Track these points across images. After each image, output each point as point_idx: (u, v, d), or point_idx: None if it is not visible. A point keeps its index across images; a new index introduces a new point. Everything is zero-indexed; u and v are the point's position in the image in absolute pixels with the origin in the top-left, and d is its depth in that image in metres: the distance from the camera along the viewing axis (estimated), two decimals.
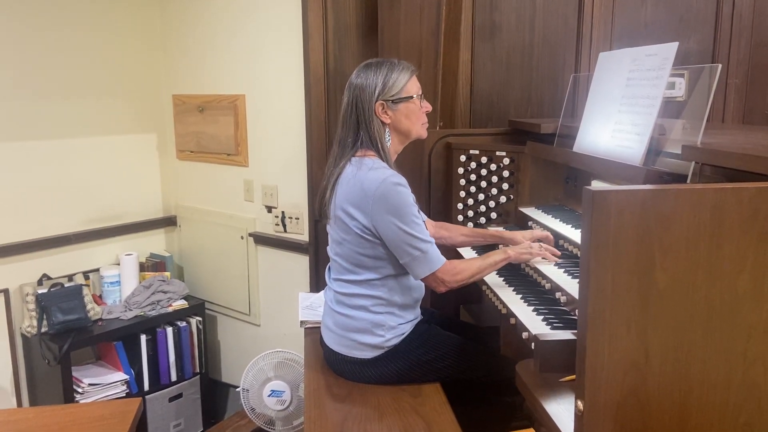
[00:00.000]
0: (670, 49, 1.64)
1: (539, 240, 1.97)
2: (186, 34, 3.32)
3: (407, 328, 1.86)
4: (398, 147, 1.90)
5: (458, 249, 2.26)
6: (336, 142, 1.87)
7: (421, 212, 1.94)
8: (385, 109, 1.81)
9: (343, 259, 1.84)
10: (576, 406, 1.08)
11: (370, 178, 1.73)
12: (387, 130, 1.83)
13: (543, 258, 1.87)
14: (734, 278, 1.03)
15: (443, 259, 1.78)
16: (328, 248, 1.95)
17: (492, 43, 2.62)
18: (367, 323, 1.82)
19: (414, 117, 1.86)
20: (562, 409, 1.27)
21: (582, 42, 2.59)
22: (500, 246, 2.08)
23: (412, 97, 1.84)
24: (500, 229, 2.31)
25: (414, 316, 1.89)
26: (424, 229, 1.77)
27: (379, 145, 1.81)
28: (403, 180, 1.75)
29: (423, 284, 1.90)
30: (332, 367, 1.93)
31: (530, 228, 2.18)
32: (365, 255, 1.80)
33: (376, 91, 1.79)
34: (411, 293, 1.87)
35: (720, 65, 1.52)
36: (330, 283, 1.94)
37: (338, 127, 1.87)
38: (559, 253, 1.88)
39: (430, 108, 1.91)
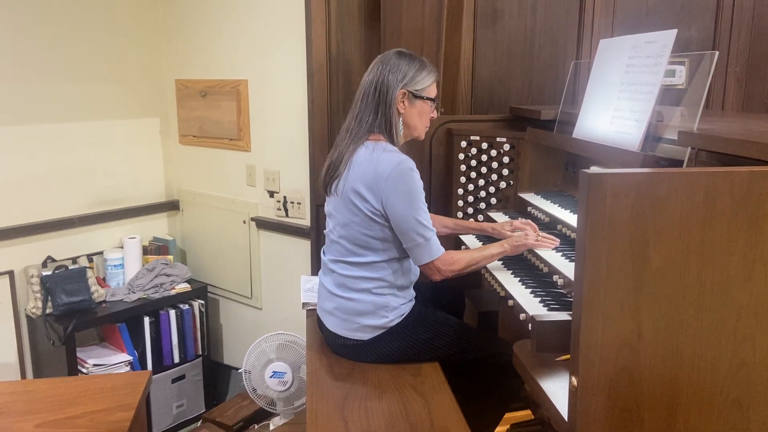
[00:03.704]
0: (669, 36, 1.66)
1: (519, 228, 2.01)
2: (189, 18, 3.33)
3: (407, 308, 1.90)
4: (401, 140, 1.93)
5: (461, 236, 2.29)
6: (353, 115, 1.87)
7: None
8: (404, 99, 1.85)
9: (348, 241, 1.86)
10: (570, 382, 1.12)
11: (385, 160, 1.77)
12: (400, 119, 1.88)
13: (541, 248, 1.90)
14: (726, 260, 1.06)
15: (442, 249, 1.83)
16: (327, 230, 1.96)
17: (494, 30, 2.63)
18: (370, 305, 1.86)
19: (424, 118, 1.93)
20: (557, 387, 1.31)
21: (583, 29, 2.60)
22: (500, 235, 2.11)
23: (430, 100, 1.91)
24: (505, 217, 2.34)
25: (411, 295, 1.94)
26: (428, 217, 1.81)
27: (393, 129, 1.85)
28: (414, 164, 1.80)
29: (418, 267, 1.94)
30: (333, 350, 1.96)
31: (529, 213, 2.21)
32: (373, 237, 1.83)
33: (405, 79, 1.84)
34: (410, 275, 1.92)
35: (717, 52, 1.54)
36: (329, 265, 1.95)
37: (358, 100, 1.88)
38: (557, 241, 1.91)
39: (436, 115, 1.98)
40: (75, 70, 3.11)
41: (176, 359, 3.23)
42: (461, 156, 2.46)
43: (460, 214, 2.50)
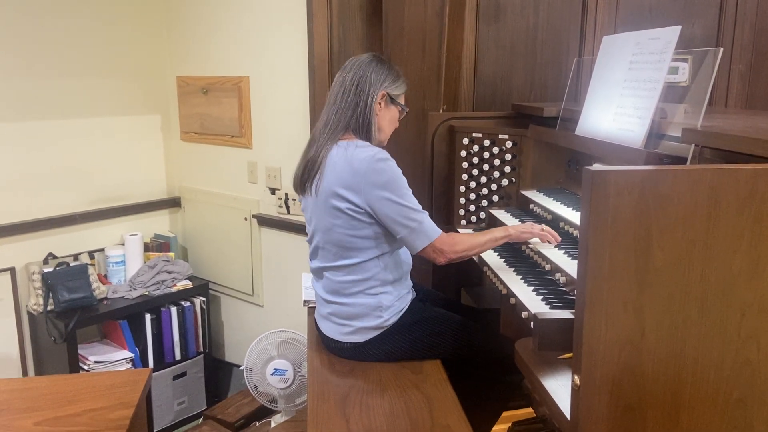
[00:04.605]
0: (673, 32, 1.64)
1: None
2: (190, 15, 3.32)
3: (403, 304, 1.89)
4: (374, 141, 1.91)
5: (458, 229, 2.29)
6: (332, 112, 1.85)
7: None
8: (381, 100, 1.86)
9: (334, 245, 1.84)
10: (573, 381, 1.11)
11: (359, 156, 1.76)
12: (375, 120, 1.87)
13: (544, 241, 1.88)
14: (729, 258, 1.05)
15: (439, 230, 1.81)
16: (309, 237, 1.95)
17: (496, 26, 2.62)
18: (365, 308, 1.85)
19: (393, 124, 1.95)
20: (559, 385, 1.30)
21: (586, 26, 2.59)
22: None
23: (401, 107, 1.93)
24: (508, 214, 2.34)
25: (406, 289, 1.93)
26: (416, 201, 1.79)
27: (372, 129, 1.85)
28: (389, 155, 1.79)
29: (410, 256, 1.93)
30: (333, 352, 1.96)
31: (531, 210, 2.20)
32: (358, 236, 1.81)
33: (386, 81, 1.85)
34: (401, 267, 1.91)
35: (721, 48, 1.53)
36: (319, 272, 1.94)
37: (335, 101, 1.86)
38: (560, 238, 1.90)
39: (397, 126, 1.99)
40: (76, 66, 3.11)
41: (177, 356, 3.23)
42: (463, 153, 2.45)
43: (461, 212, 2.49)
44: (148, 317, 3.10)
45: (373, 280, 1.84)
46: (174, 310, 3.20)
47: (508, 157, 2.37)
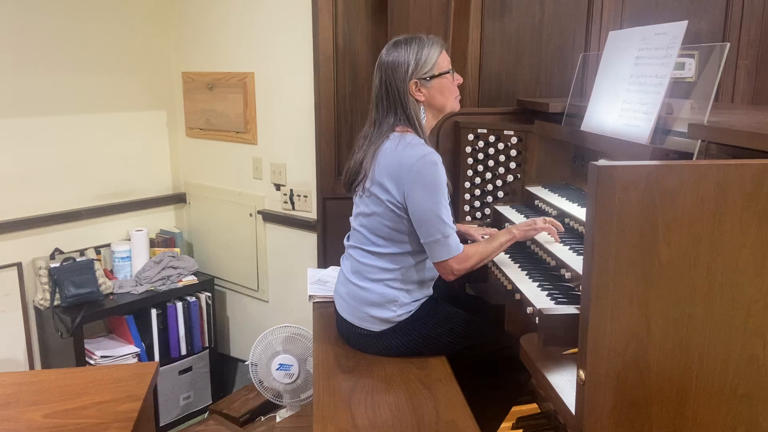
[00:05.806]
0: (680, 27, 1.64)
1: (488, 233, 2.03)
2: (196, 11, 3.32)
3: (417, 306, 1.90)
4: (432, 122, 1.92)
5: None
6: (370, 122, 1.87)
7: None
8: (419, 87, 1.82)
9: (368, 231, 1.87)
10: (578, 375, 1.11)
11: (409, 153, 1.75)
12: (422, 106, 1.86)
13: (549, 233, 1.88)
14: (736, 253, 1.05)
15: (462, 247, 1.79)
16: (352, 218, 1.97)
17: (502, 21, 2.61)
18: (380, 297, 1.86)
19: (447, 92, 1.87)
20: (564, 381, 1.30)
21: (592, 21, 2.58)
22: (506, 225, 2.11)
23: (445, 73, 1.85)
24: (513, 210, 2.34)
25: (424, 297, 1.93)
26: (450, 214, 1.78)
27: (416, 123, 1.83)
28: (440, 159, 1.77)
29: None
30: (342, 335, 1.97)
31: (536, 206, 2.20)
32: (391, 228, 1.82)
33: (410, 70, 1.80)
34: (426, 272, 1.90)
35: (728, 44, 1.52)
36: (349, 251, 1.96)
37: (372, 107, 1.87)
38: (562, 228, 1.90)
39: (461, 80, 1.92)
40: (82, 62, 3.11)
41: (183, 351, 3.24)
42: (468, 149, 2.45)
43: (466, 208, 2.49)
44: (153, 312, 3.12)
45: (396, 272, 1.85)
46: (180, 305, 3.21)
47: (513, 153, 2.37)
